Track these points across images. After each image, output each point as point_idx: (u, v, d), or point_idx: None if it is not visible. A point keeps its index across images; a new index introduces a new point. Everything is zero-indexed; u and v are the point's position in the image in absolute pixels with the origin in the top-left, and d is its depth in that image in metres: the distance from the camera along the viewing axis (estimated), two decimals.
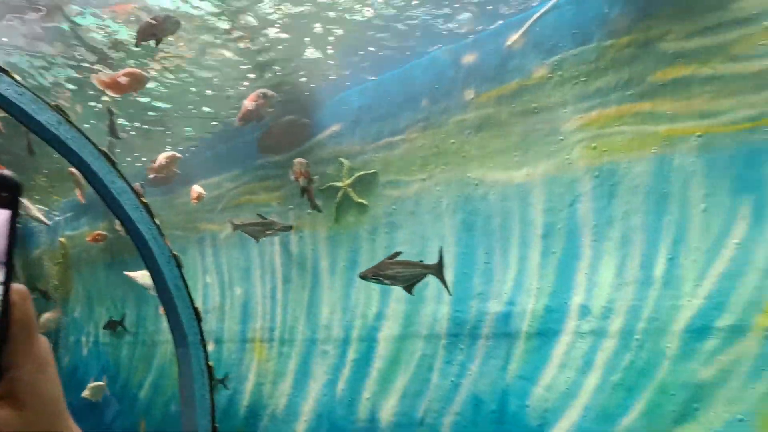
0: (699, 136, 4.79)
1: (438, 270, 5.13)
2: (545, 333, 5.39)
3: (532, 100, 5.72)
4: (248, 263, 8.14)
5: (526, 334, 5.49)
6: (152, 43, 5.84)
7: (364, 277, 5.18)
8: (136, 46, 5.97)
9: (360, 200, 6.89)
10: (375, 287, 6.67)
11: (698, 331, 4.61)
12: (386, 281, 5.16)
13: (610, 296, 5.07)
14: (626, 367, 4.91)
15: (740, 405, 4.38)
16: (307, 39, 7.04)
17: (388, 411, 6.36)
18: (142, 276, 7.50)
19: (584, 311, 5.19)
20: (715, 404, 4.48)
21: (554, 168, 5.53)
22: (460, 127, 6.21)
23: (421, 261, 5.40)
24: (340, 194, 7.04)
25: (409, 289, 5.22)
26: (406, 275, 5.14)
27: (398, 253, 5.37)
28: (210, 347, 8.63)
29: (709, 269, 4.64)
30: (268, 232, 7.14)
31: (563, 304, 5.31)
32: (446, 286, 5.25)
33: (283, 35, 6.99)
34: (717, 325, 4.54)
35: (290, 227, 7.15)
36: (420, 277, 5.21)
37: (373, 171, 6.85)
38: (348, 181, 7.00)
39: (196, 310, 7.88)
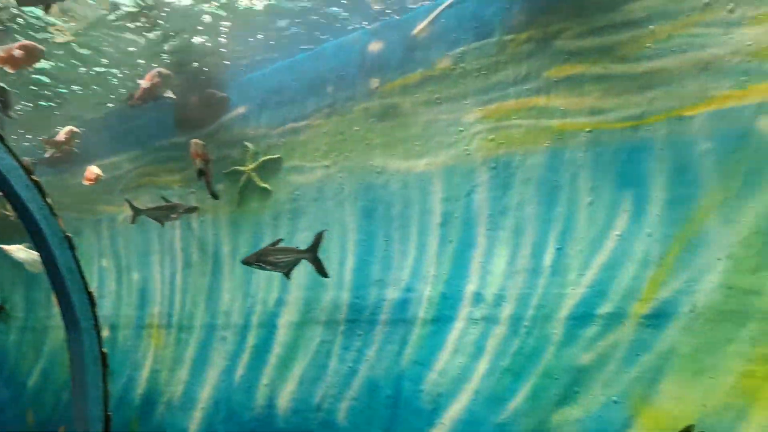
0: (588, 131, 5.00)
1: (312, 254, 5.22)
2: (440, 319, 5.51)
3: (435, 91, 5.80)
4: (147, 247, 7.88)
5: (422, 321, 5.60)
6: (41, 10, 5.50)
7: (247, 263, 5.22)
8: (19, 5, 5.58)
9: (264, 185, 6.79)
10: (277, 274, 6.60)
11: (581, 318, 4.84)
12: (268, 267, 5.21)
13: (502, 284, 5.24)
14: (515, 353, 5.09)
15: (616, 388, 4.64)
16: (209, 19, 6.83)
17: (285, 397, 6.33)
18: (17, 250, 7.11)
19: (477, 298, 5.34)
20: (593, 387, 4.72)
21: (454, 158, 5.64)
22: (364, 115, 6.22)
23: (297, 247, 5.57)
24: (243, 178, 6.91)
25: (287, 274, 5.33)
26: (285, 261, 5.19)
27: (280, 240, 5.50)
28: (105, 333, 8.32)
29: (593, 259, 4.87)
30: (173, 215, 6.93)
31: (458, 292, 5.44)
32: (321, 271, 5.34)
33: (184, 13, 6.75)
34: (598, 313, 4.78)
35: (195, 208, 6.96)
36: (296, 263, 5.32)
37: (277, 156, 6.76)
38: (252, 166, 6.89)
39: (89, 294, 7.58)
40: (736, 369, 4.24)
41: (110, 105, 8.38)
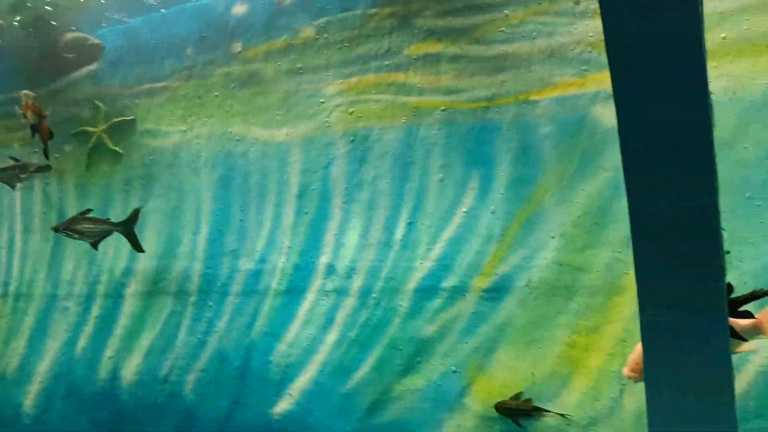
0: (442, 110, 5.12)
1: (126, 228, 5.31)
2: (292, 291, 5.48)
3: (298, 60, 5.70)
4: None
5: (275, 292, 5.54)
6: None
7: (55, 229, 5.14)
8: None
9: (115, 148, 6.41)
10: (124, 241, 6.28)
11: (426, 290, 4.98)
12: (75, 236, 5.20)
13: (354, 257, 5.28)
14: (362, 324, 5.16)
15: (455, 358, 4.83)
16: None
17: (130, 369, 6.07)
18: None
19: (330, 270, 5.35)
20: (434, 357, 4.89)
21: (313, 130, 5.58)
22: (225, 81, 6.01)
23: (108, 219, 5.71)
24: (93, 140, 6.48)
25: (95, 245, 5.41)
26: (94, 231, 5.11)
27: (89, 211, 5.67)
28: None
29: (441, 234, 5.02)
30: (22, 176, 6.38)
31: (311, 263, 5.43)
32: (135, 245, 5.41)
33: None
34: (442, 286, 4.94)
35: (48, 167, 6.40)
36: (106, 234, 5.40)
37: (130, 118, 6.39)
38: (102, 127, 6.47)
39: None
40: (563, 340, 4.54)
41: None
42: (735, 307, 3.33)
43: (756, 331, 3.17)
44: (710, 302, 2.95)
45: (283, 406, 5.34)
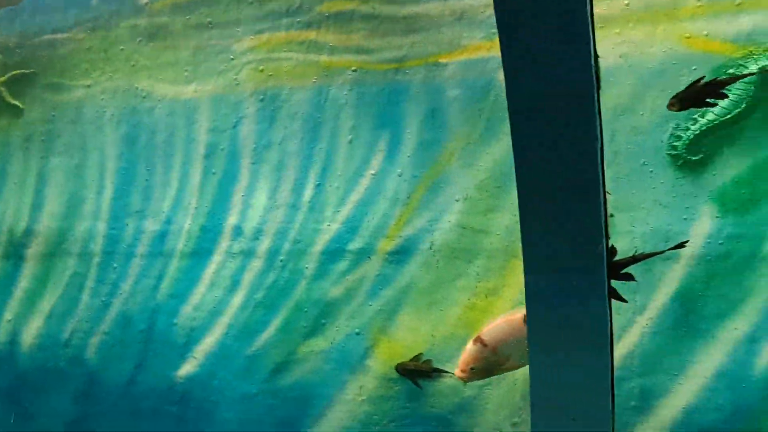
0: (354, 70, 5.03)
1: None
2: (199, 252, 5.36)
3: (208, 14, 5.49)
4: None
5: (181, 253, 5.41)
6: None
7: None
8: None
9: (14, 102, 6.07)
10: (27, 201, 6.01)
11: (333, 253, 4.95)
12: None
13: (262, 218, 5.19)
14: (269, 287, 5.10)
15: (358, 320, 4.84)
16: None
17: (31, 333, 5.86)
18: None
19: (237, 232, 5.25)
20: (339, 319, 4.89)
21: (222, 87, 5.41)
22: (131, 34, 5.74)
23: None
24: None
25: None
26: None
27: None
28: None
29: (348, 196, 4.97)
30: None
31: (218, 225, 5.31)
32: None
33: None
34: (348, 248, 4.91)
35: None
36: None
37: (31, 71, 6.06)
38: (1, 79, 6.11)
39: None
40: (462, 302, 4.60)
41: None
42: (617, 270, 3.40)
43: None
44: (590, 264, 3.02)
45: (187, 368, 5.27)
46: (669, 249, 4.06)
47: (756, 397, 4.08)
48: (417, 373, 4.60)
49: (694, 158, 4.21)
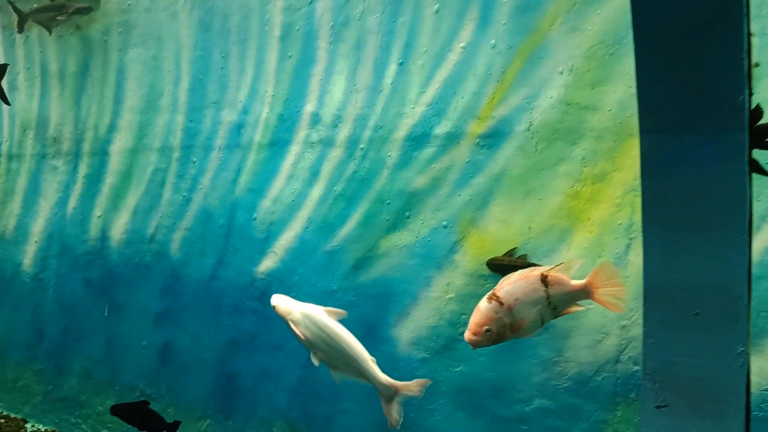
0: None
1: None
2: (276, 143, 5.03)
3: None
4: None
5: (258, 145, 5.11)
6: None
7: None
8: None
9: None
10: (108, 96, 5.89)
11: (418, 139, 4.47)
12: None
13: (341, 104, 4.76)
14: (349, 178, 4.72)
15: (446, 212, 4.38)
16: None
17: (119, 228, 5.84)
18: None
19: (315, 120, 4.86)
20: (424, 212, 4.45)
21: None
22: None
23: None
24: None
25: None
26: None
27: None
28: None
29: (434, 75, 4.43)
30: (60, 17, 5.98)
31: (295, 113, 4.94)
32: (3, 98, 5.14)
33: None
34: (435, 133, 4.41)
35: (89, 9, 5.88)
36: None
37: None
38: None
39: None
40: (564, 190, 4.01)
41: None
42: (761, 136, 2.71)
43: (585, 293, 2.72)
44: (726, 123, 2.41)
45: (267, 264, 5.05)
46: None
47: None
48: (510, 269, 4.10)
49: None
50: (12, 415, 6.65)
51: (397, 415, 3.23)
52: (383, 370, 3.36)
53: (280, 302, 3.46)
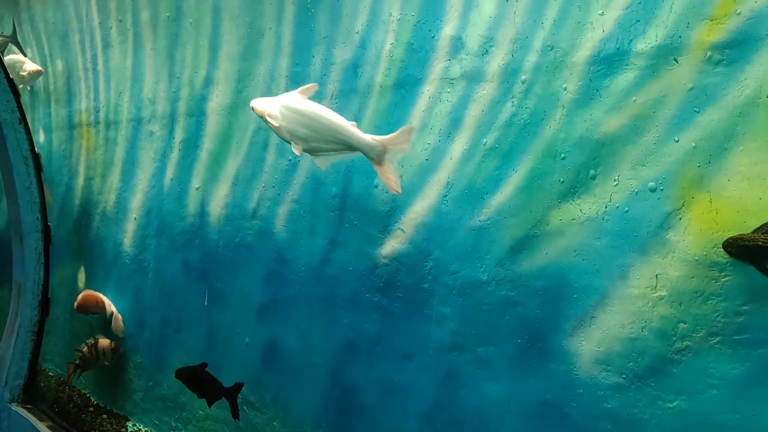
0: None
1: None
2: (404, 83, 3.77)
3: None
4: (66, 26, 6.23)
5: (380, 88, 3.88)
6: None
7: None
8: None
9: None
10: (203, 43, 4.91)
11: (609, 59, 3.04)
12: None
13: (493, 20, 3.40)
14: (504, 124, 3.36)
15: (654, 168, 2.91)
16: None
17: (218, 202, 4.87)
18: None
19: (456, 46, 3.54)
20: (617, 167, 3.02)
21: None
22: None
23: None
24: None
25: None
26: None
27: None
28: (41, 137, 6.97)
29: None
30: None
31: (429, 40, 3.65)
32: None
33: None
34: (637, 48, 2.97)
35: None
36: None
37: None
38: None
39: (10, 81, 6.07)
40: None
41: None
42: None
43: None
44: None
45: (392, 245, 3.82)
46: None
47: None
48: (765, 252, 2.60)
49: None
50: (115, 411, 5.98)
51: (394, 176, 3.05)
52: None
53: (257, 103, 3.31)
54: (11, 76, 5.46)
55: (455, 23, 3.55)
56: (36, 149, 6.46)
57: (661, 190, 2.88)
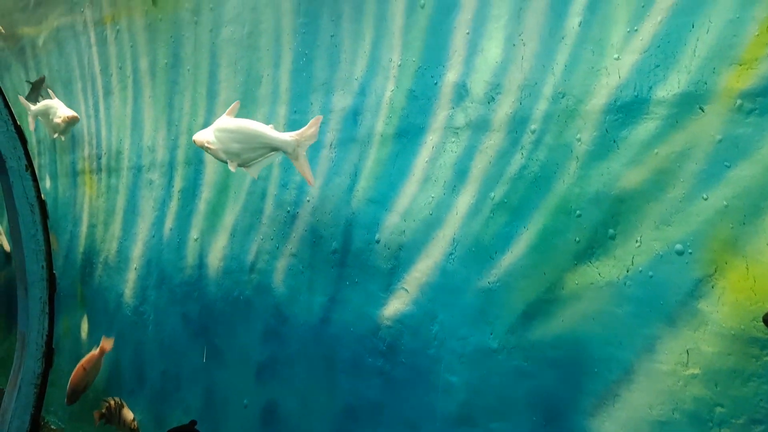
0: None
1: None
2: (406, 132, 3.52)
3: None
4: (69, 73, 6.13)
5: (381, 137, 3.64)
6: None
7: None
8: None
9: None
10: (201, 90, 4.74)
11: (627, 108, 2.75)
12: None
13: (500, 66, 3.15)
14: (514, 177, 3.08)
15: (680, 228, 2.60)
16: None
17: (216, 254, 4.64)
18: None
19: (460, 93, 3.28)
20: (640, 227, 2.71)
21: None
22: None
23: None
24: None
25: None
26: None
27: None
28: (47, 184, 6.85)
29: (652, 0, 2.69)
30: None
31: (432, 86, 3.40)
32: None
33: None
34: (657, 96, 2.68)
35: None
36: None
37: None
38: None
39: (17, 127, 5.95)
40: None
41: None
42: None
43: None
44: None
45: (395, 306, 3.53)
46: None
47: None
48: None
49: None
50: None
51: (308, 169, 3.45)
52: None
53: (197, 136, 3.73)
54: (47, 126, 5.31)
55: (459, 69, 3.30)
56: (42, 196, 6.33)
57: (690, 253, 2.57)
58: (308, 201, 3.99)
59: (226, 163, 3.63)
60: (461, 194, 3.28)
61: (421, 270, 3.42)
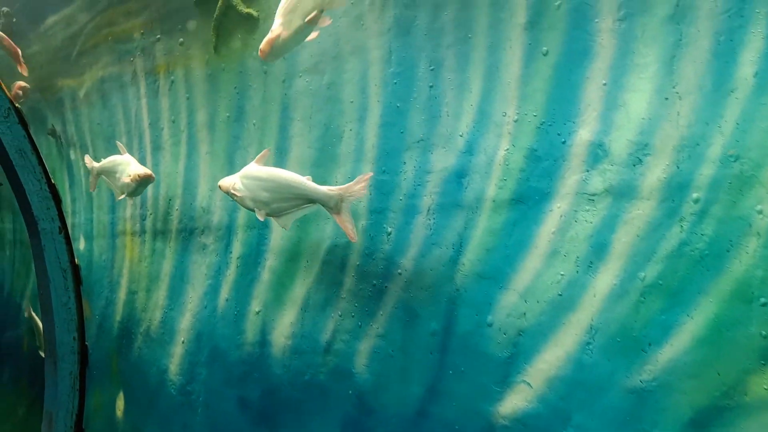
0: None
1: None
2: (525, 198, 3.05)
3: None
4: (112, 127, 5.74)
5: (493, 203, 3.16)
6: None
7: None
8: None
9: (248, 10, 4.41)
10: (269, 146, 4.31)
11: None
12: None
13: (646, 122, 2.69)
14: (671, 254, 2.59)
15: None
16: None
17: (282, 330, 4.12)
18: None
19: (597, 153, 2.82)
20: None
21: None
22: None
23: None
24: (219, 5, 4.54)
25: None
26: None
27: None
28: (81, 244, 6.40)
29: None
30: None
31: (559, 145, 2.94)
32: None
33: None
34: None
35: None
36: None
37: None
38: None
39: (51, 186, 5.55)
40: None
41: None
42: None
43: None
44: None
45: (514, 402, 2.99)
46: None
47: None
48: None
49: None
50: None
51: (351, 224, 3.22)
52: None
53: (223, 182, 3.64)
54: (113, 186, 4.84)
55: (593, 126, 2.84)
56: (76, 260, 5.86)
57: None
58: (400, 274, 3.49)
59: (254, 211, 3.49)
60: (600, 272, 2.78)
61: (549, 361, 2.89)
